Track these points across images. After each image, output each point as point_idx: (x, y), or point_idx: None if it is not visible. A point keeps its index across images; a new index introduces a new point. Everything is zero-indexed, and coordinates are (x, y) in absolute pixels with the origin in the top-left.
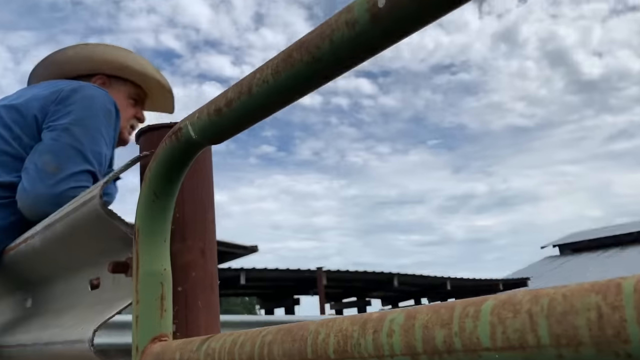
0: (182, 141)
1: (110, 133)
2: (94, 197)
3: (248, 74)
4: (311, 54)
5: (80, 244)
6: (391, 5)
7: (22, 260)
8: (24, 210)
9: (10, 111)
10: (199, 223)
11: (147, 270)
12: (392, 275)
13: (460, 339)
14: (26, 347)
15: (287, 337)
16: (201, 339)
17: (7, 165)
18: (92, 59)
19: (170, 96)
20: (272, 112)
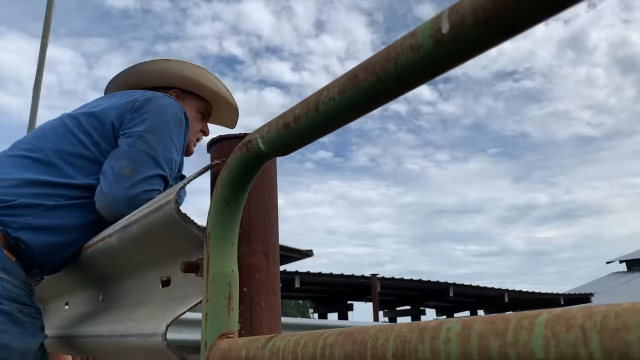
0: (251, 152)
1: (180, 140)
2: (169, 201)
3: (314, 92)
4: (376, 75)
5: (154, 244)
6: (454, 32)
7: (99, 258)
8: (101, 211)
9: (89, 118)
10: (264, 228)
11: (216, 271)
12: (447, 285)
13: (514, 349)
14: (102, 338)
15: (348, 340)
16: (266, 338)
17: (86, 169)
18: (170, 74)
19: (235, 114)
20: (337, 127)
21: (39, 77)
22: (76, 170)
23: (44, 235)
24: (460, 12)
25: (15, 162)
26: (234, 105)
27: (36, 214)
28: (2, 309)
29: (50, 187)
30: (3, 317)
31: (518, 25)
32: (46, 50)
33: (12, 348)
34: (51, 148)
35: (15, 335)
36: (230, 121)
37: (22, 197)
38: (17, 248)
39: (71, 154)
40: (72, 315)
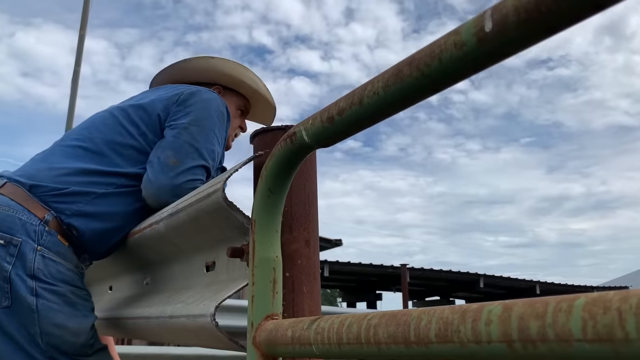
0: (296, 144)
1: (222, 134)
2: (217, 190)
3: (358, 86)
4: (420, 70)
5: (200, 231)
6: (497, 31)
7: (145, 243)
8: (147, 199)
9: (137, 110)
10: (304, 216)
11: (262, 257)
12: (477, 276)
13: (553, 330)
14: (150, 319)
15: (392, 321)
16: (310, 319)
17: (133, 158)
18: (213, 71)
19: (273, 112)
20: (379, 120)
21: (77, 68)
22: (124, 160)
23: (94, 221)
24: (503, 12)
25: (67, 151)
26: (272, 103)
27: (87, 201)
28: (57, 290)
29: (100, 176)
30: (58, 298)
31: (559, 25)
32: (84, 43)
33: (67, 327)
34: (101, 138)
35: (69, 315)
36: (268, 119)
37: (74, 185)
38: (70, 234)
39: (120, 144)
40: (117, 298)
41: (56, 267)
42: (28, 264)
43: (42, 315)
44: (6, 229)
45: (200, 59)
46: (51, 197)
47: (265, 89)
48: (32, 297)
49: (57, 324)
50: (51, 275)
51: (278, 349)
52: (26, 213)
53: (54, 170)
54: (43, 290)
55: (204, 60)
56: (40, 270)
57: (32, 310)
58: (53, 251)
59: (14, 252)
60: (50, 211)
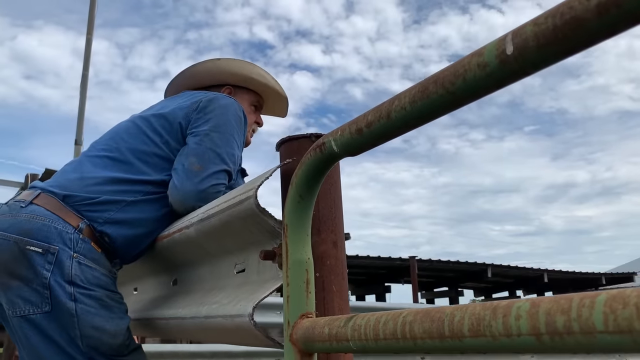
0: (325, 153)
1: (240, 137)
2: (249, 197)
3: (386, 101)
4: (446, 88)
5: (230, 235)
6: (518, 54)
7: (174, 247)
8: (174, 204)
9: (159, 119)
10: (331, 219)
11: (295, 259)
12: (485, 265)
13: (578, 323)
14: (185, 319)
15: (426, 318)
16: (346, 317)
17: (158, 166)
18: (221, 72)
19: (285, 103)
20: (405, 132)
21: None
22: (150, 168)
23: (125, 228)
24: (523, 37)
25: (95, 162)
26: (284, 95)
27: (117, 209)
28: (94, 294)
29: (128, 184)
30: (95, 302)
31: (574, 49)
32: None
33: (105, 330)
34: (126, 147)
35: (106, 318)
36: (281, 110)
37: (105, 194)
38: (102, 240)
39: (145, 153)
40: (144, 299)
41: (92, 273)
42: (66, 270)
43: (82, 318)
44: (43, 238)
45: (207, 62)
46: (84, 206)
47: (274, 82)
48: (71, 302)
49: (96, 327)
50: (87, 280)
51: (315, 345)
52: (61, 222)
53: (85, 180)
54: (81, 295)
55: (210, 63)
56: (78, 276)
57: (71, 314)
58: (88, 258)
59: (52, 259)
60: (83, 219)
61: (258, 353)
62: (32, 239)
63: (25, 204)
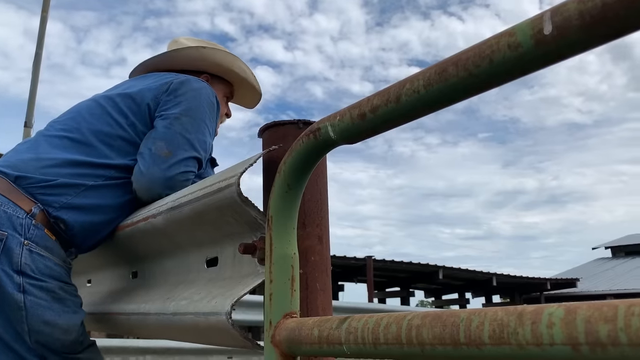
0: (319, 140)
1: (212, 124)
2: (230, 184)
3: (394, 83)
4: (468, 70)
5: (203, 226)
6: (558, 34)
7: (137, 237)
8: (138, 191)
9: (125, 99)
10: (317, 212)
11: (279, 254)
12: (437, 267)
13: (625, 334)
14: (148, 315)
15: (437, 323)
16: (339, 318)
17: (123, 149)
18: (203, 60)
19: (258, 97)
20: (415, 119)
21: (39, 51)
22: (113, 151)
23: (83, 214)
24: (565, 15)
25: (53, 142)
26: (259, 90)
27: (76, 193)
28: (45, 286)
29: (89, 168)
30: (46, 294)
31: (624, 30)
32: (46, 25)
33: (56, 324)
34: (88, 128)
35: (58, 312)
36: (251, 103)
37: (62, 177)
38: (57, 227)
39: (108, 135)
40: (99, 292)
41: (44, 262)
42: (15, 259)
43: (31, 312)
44: None
45: (191, 48)
46: (38, 189)
47: (253, 77)
48: (19, 294)
49: (47, 321)
50: (39, 270)
51: (302, 347)
52: (12, 206)
53: (40, 162)
54: (31, 287)
55: (194, 50)
56: (28, 266)
57: (19, 307)
58: (40, 245)
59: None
60: (37, 204)
61: (211, 350)
62: None
63: None
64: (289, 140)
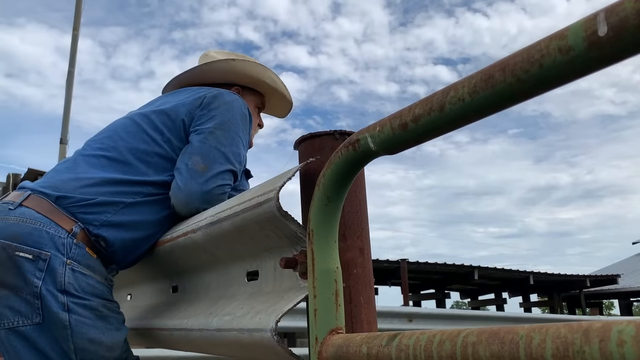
0: (359, 151)
1: (246, 136)
2: (269, 199)
3: (436, 91)
4: (516, 76)
5: (243, 240)
6: (614, 35)
7: (177, 252)
8: (177, 206)
9: (160, 116)
10: (357, 224)
11: (322, 268)
12: (472, 268)
13: None
14: (191, 331)
15: (494, 340)
16: (388, 335)
17: (159, 166)
18: (233, 72)
19: (289, 107)
20: (460, 127)
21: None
22: (150, 168)
23: (123, 231)
24: (622, 15)
25: (91, 161)
26: (290, 100)
27: (115, 211)
28: (89, 304)
29: (127, 185)
30: (90, 312)
31: None
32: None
33: (101, 342)
34: (125, 146)
35: (102, 329)
36: (283, 112)
37: (101, 196)
38: (98, 245)
39: (145, 152)
40: (140, 306)
41: (86, 281)
42: (58, 278)
43: (76, 330)
44: (34, 243)
45: (220, 61)
46: (78, 209)
47: (283, 86)
48: (64, 313)
49: (92, 339)
50: (82, 289)
51: None
52: (53, 226)
53: (79, 181)
54: (75, 305)
55: (224, 62)
56: (71, 285)
57: (65, 326)
58: (83, 264)
59: (43, 266)
60: (77, 223)
61: None
62: (22, 244)
63: (14, 206)
64: (326, 152)
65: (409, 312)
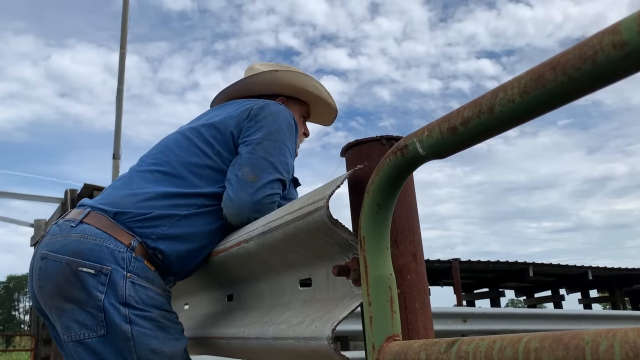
0: (407, 157)
1: (292, 145)
2: (319, 208)
3: (485, 94)
4: (568, 74)
5: (295, 248)
6: None
7: (230, 261)
8: (228, 216)
9: (209, 129)
10: (409, 228)
11: (375, 275)
12: (527, 264)
13: None
14: (248, 339)
15: (558, 346)
16: (447, 341)
17: (211, 178)
18: (277, 83)
19: (334, 114)
20: (510, 128)
21: (120, 86)
22: (202, 180)
23: (178, 243)
24: None
25: (146, 177)
26: (334, 107)
27: (170, 224)
28: (149, 316)
29: (181, 198)
30: (151, 323)
31: None
32: (125, 60)
33: (162, 352)
34: (177, 161)
35: (163, 340)
36: (328, 120)
37: (157, 209)
38: (155, 258)
39: (197, 165)
40: (197, 315)
41: (146, 293)
42: (120, 291)
43: (138, 342)
44: (95, 259)
45: (264, 73)
46: (135, 223)
47: (327, 94)
48: (126, 325)
49: (153, 350)
50: (142, 301)
51: None
52: (113, 241)
53: (136, 196)
54: (136, 317)
55: (268, 74)
56: (132, 297)
57: (127, 337)
58: (142, 277)
59: (105, 280)
60: (135, 237)
61: None
62: (84, 260)
63: (75, 223)
64: (374, 158)
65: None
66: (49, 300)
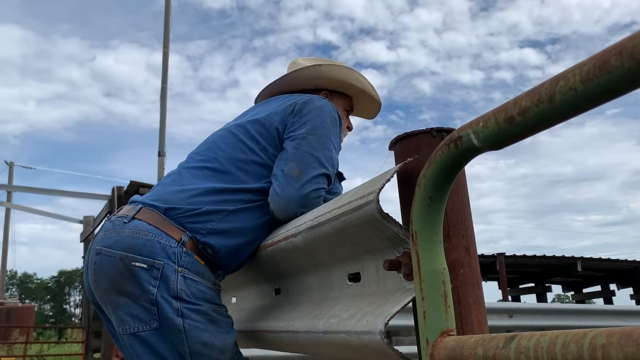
0: (461, 148)
1: (337, 139)
2: (369, 201)
3: (543, 82)
4: (636, 59)
5: (344, 242)
6: None
7: (278, 256)
8: (275, 211)
9: (255, 125)
10: (461, 222)
11: (428, 269)
12: (574, 259)
13: None
14: (298, 333)
15: (627, 341)
16: (505, 337)
17: (257, 173)
18: (321, 78)
19: (378, 107)
20: (571, 117)
21: (164, 85)
22: (249, 176)
23: (227, 238)
24: None
25: (195, 173)
26: (378, 100)
27: (219, 219)
28: (200, 309)
29: (229, 194)
30: (202, 317)
31: None
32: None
33: (214, 345)
34: (225, 157)
35: (213, 333)
36: (371, 113)
37: (206, 205)
38: (205, 252)
39: (243, 161)
40: (245, 309)
41: (197, 287)
42: (171, 285)
43: (190, 335)
44: (147, 253)
45: (307, 68)
46: (186, 218)
47: (370, 87)
48: (178, 318)
49: (205, 343)
50: (193, 295)
51: None
52: (164, 236)
53: (185, 192)
54: (188, 311)
55: (311, 69)
56: (183, 291)
57: (179, 330)
58: (192, 271)
59: (157, 275)
60: (185, 232)
61: None
62: (137, 255)
63: (127, 219)
64: (424, 151)
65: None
66: (104, 295)
